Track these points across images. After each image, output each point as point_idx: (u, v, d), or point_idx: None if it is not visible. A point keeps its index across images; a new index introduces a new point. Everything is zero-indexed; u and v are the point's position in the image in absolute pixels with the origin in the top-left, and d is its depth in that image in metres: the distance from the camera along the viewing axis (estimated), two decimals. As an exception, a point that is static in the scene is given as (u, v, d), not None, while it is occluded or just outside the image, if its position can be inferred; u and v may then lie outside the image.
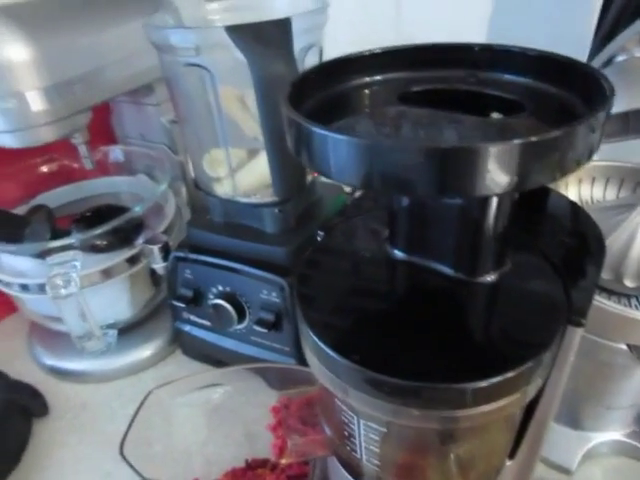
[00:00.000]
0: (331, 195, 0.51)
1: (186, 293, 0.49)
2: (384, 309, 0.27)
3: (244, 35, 0.35)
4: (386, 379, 0.22)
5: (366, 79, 0.26)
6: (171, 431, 0.42)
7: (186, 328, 0.53)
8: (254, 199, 0.47)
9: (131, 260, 0.52)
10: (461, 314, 0.26)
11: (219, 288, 0.48)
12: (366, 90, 0.25)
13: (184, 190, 0.63)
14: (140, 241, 0.52)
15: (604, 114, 0.18)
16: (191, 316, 0.52)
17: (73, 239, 0.47)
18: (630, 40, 0.40)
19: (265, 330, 0.46)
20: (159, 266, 0.51)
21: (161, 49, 0.41)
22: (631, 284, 0.38)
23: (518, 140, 0.16)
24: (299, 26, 0.36)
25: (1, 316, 0.66)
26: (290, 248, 0.45)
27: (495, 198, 0.22)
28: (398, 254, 0.28)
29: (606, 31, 0.43)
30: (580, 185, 0.47)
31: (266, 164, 0.41)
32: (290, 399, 0.34)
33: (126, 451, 0.36)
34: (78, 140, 0.52)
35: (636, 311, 0.35)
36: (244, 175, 0.46)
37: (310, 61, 0.43)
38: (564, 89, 0.22)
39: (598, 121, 0.18)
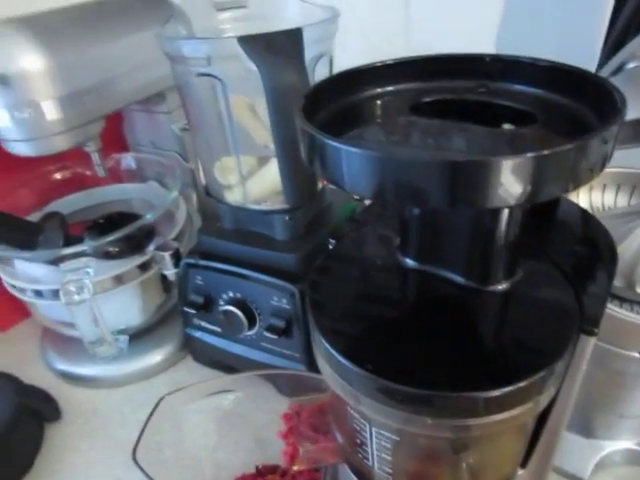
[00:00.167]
0: (341, 202, 0.52)
1: (197, 299, 0.50)
2: (396, 317, 0.27)
3: (256, 45, 0.35)
4: (399, 387, 0.22)
5: (378, 90, 0.26)
6: (182, 437, 0.42)
7: (197, 334, 0.54)
8: (264, 206, 0.47)
9: (142, 266, 0.52)
10: (473, 323, 0.26)
11: (230, 294, 0.48)
12: (378, 101, 0.26)
13: (195, 197, 0.63)
14: (151, 248, 0.52)
15: (617, 127, 0.18)
16: (202, 322, 0.52)
17: (86, 246, 0.48)
18: (640, 47, 0.40)
19: (275, 336, 0.46)
20: (170, 272, 0.52)
21: (173, 59, 0.42)
22: (643, 292, 0.37)
23: (531, 154, 0.16)
24: (310, 36, 0.37)
25: (14, 321, 0.66)
26: (300, 255, 0.45)
27: (507, 208, 0.23)
28: (409, 262, 0.28)
29: (616, 38, 0.43)
30: (591, 192, 0.46)
31: (276, 171, 0.42)
32: (301, 406, 0.34)
33: (138, 456, 0.37)
34: (91, 148, 0.53)
35: (649, 319, 0.35)
36: (255, 182, 0.47)
37: (320, 70, 0.43)
38: (575, 100, 0.22)
39: (611, 133, 0.18)
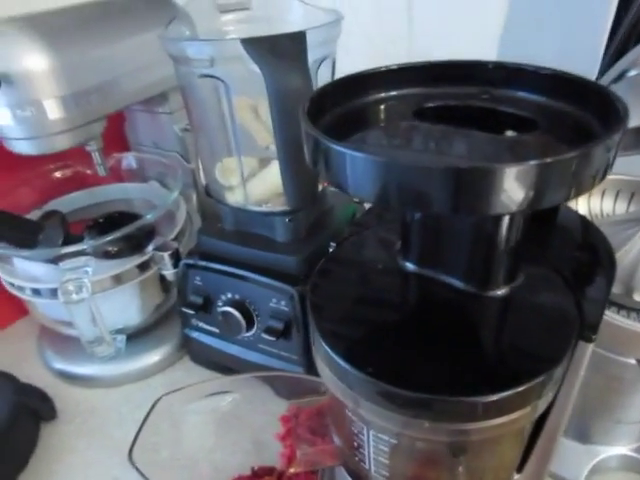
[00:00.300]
0: (342, 205, 0.52)
1: (196, 300, 0.50)
2: (396, 321, 0.27)
3: (259, 48, 0.35)
4: (399, 391, 0.22)
5: (382, 94, 0.26)
6: (179, 437, 0.42)
7: (195, 335, 0.54)
8: (265, 208, 0.47)
9: (142, 266, 0.52)
10: (472, 327, 0.26)
11: (228, 296, 0.48)
12: (382, 105, 0.26)
13: (195, 197, 0.63)
14: (151, 248, 0.52)
15: (619, 135, 0.18)
16: (200, 323, 0.52)
17: (85, 245, 0.48)
18: (641, 56, 0.40)
19: (273, 338, 0.46)
20: (169, 273, 0.52)
21: (177, 60, 0.42)
22: (641, 299, 0.37)
23: (534, 161, 0.16)
24: (313, 39, 0.37)
25: (12, 319, 0.66)
26: (300, 257, 0.45)
27: (509, 215, 0.23)
28: (410, 266, 0.28)
29: (617, 46, 0.43)
30: (590, 198, 0.47)
31: (278, 173, 0.42)
32: (300, 408, 0.34)
33: (134, 457, 0.37)
34: (92, 147, 0.53)
35: (646, 326, 0.35)
36: (256, 184, 0.47)
37: (323, 73, 0.43)
38: (577, 108, 0.23)
39: (613, 142, 0.18)
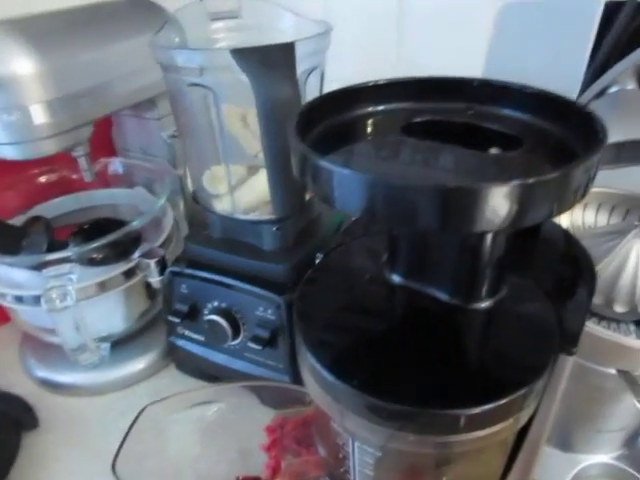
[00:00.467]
0: (329, 213, 0.52)
1: (181, 308, 0.49)
2: (381, 333, 0.27)
3: (248, 58, 0.35)
4: (383, 404, 0.22)
5: (370, 109, 0.26)
6: (163, 447, 0.42)
7: (180, 343, 0.53)
8: (253, 216, 0.47)
9: (127, 273, 0.52)
10: (456, 340, 0.26)
11: (215, 304, 0.48)
12: (370, 119, 0.26)
13: (182, 204, 0.63)
14: (137, 255, 0.52)
15: (598, 156, 0.19)
16: (186, 331, 0.52)
17: (70, 252, 0.48)
18: (622, 73, 0.41)
19: (260, 347, 0.46)
20: (155, 280, 0.51)
21: (166, 68, 0.42)
22: (621, 309, 0.38)
23: (517, 181, 0.17)
24: (303, 50, 0.37)
25: (-7, 325, 0.65)
26: (288, 266, 0.45)
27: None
28: (396, 278, 0.28)
29: (599, 63, 0.44)
30: (572, 211, 0.48)
31: (266, 182, 0.42)
32: (285, 419, 0.34)
33: (118, 466, 0.36)
34: (79, 153, 0.52)
35: (625, 337, 0.35)
36: (244, 192, 0.47)
37: (312, 83, 0.43)
38: (560, 126, 0.23)
39: (592, 163, 0.18)
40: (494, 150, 0.22)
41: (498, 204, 0.17)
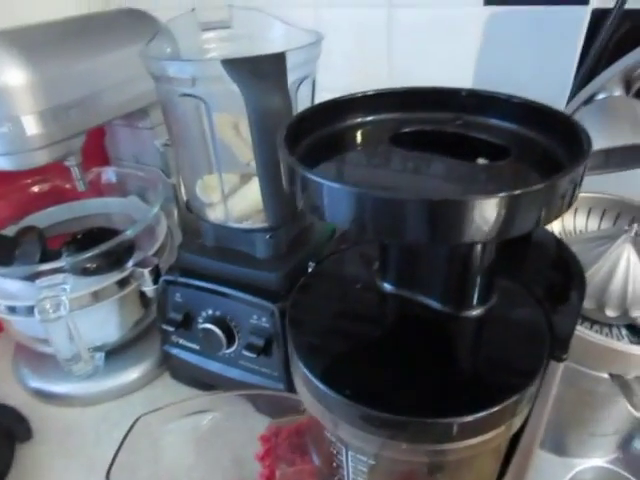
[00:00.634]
0: (322, 222, 0.52)
1: (176, 317, 0.49)
2: (373, 342, 0.27)
3: (239, 68, 0.36)
4: (376, 413, 0.22)
5: (359, 119, 0.27)
6: (157, 457, 0.42)
7: (175, 351, 0.53)
8: (246, 225, 0.47)
9: (121, 283, 0.52)
10: (448, 348, 0.27)
11: (209, 312, 0.48)
12: (359, 130, 0.26)
13: (176, 212, 0.63)
14: (131, 264, 0.52)
15: (583, 168, 0.19)
16: (180, 340, 0.52)
17: (63, 262, 0.47)
18: (609, 80, 0.42)
19: (254, 355, 0.46)
20: (149, 289, 0.51)
21: (158, 79, 0.42)
22: (612, 314, 0.39)
23: (504, 193, 0.17)
24: (294, 60, 0.37)
25: (-14, 336, 0.65)
26: (281, 274, 0.45)
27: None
28: (387, 287, 0.29)
29: (586, 70, 0.45)
30: (563, 216, 0.48)
31: (258, 190, 0.42)
32: (279, 427, 0.34)
33: (112, 477, 0.36)
34: (71, 162, 0.52)
35: (617, 341, 0.36)
36: (237, 201, 0.47)
37: (303, 92, 0.44)
38: (547, 136, 0.23)
39: (577, 174, 0.19)
40: (482, 160, 0.23)
41: (485, 216, 0.17)
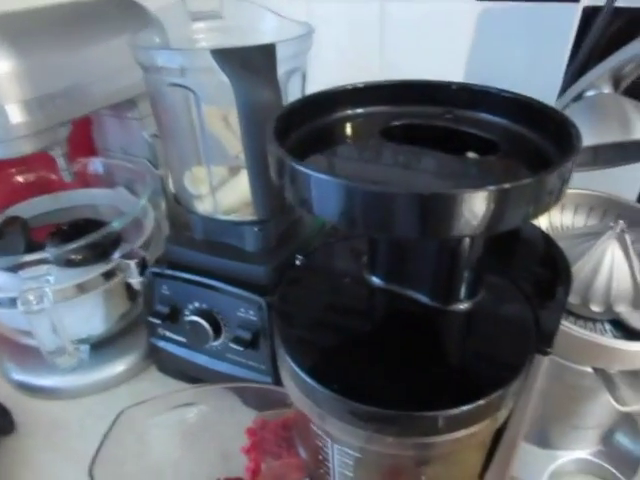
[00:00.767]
0: (312, 215, 0.52)
1: (162, 309, 0.49)
2: (361, 335, 0.27)
3: (229, 59, 0.35)
4: (363, 407, 0.22)
5: (349, 112, 0.26)
6: (144, 450, 0.41)
7: (161, 344, 0.53)
8: (234, 217, 0.47)
9: (107, 275, 0.51)
10: (435, 342, 0.27)
11: (196, 305, 0.48)
12: (348, 123, 0.26)
13: (164, 204, 0.62)
14: (117, 255, 0.51)
15: (572, 163, 0.19)
16: (167, 332, 0.52)
17: (47, 253, 0.47)
18: (599, 77, 0.42)
19: (241, 348, 0.45)
20: (135, 281, 0.51)
21: (146, 69, 0.41)
22: (597, 309, 0.39)
23: (493, 187, 0.17)
24: (284, 51, 0.37)
25: (-32, 328, 0.64)
26: (270, 267, 0.45)
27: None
28: (376, 281, 0.28)
29: (577, 67, 0.45)
30: (550, 212, 0.48)
31: (247, 183, 0.42)
32: (266, 421, 0.34)
33: (96, 471, 0.36)
34: (57, 152, 0.51)
35: (601, 335, 0.36)
36: (225, 193, 0.47)
37: (293, 85, 0.43)
38: (536, 131, 0.24)
39: (567, 169, 0.19)
40: (471, 154, 0.22)
41: (474, 210, 0.17)
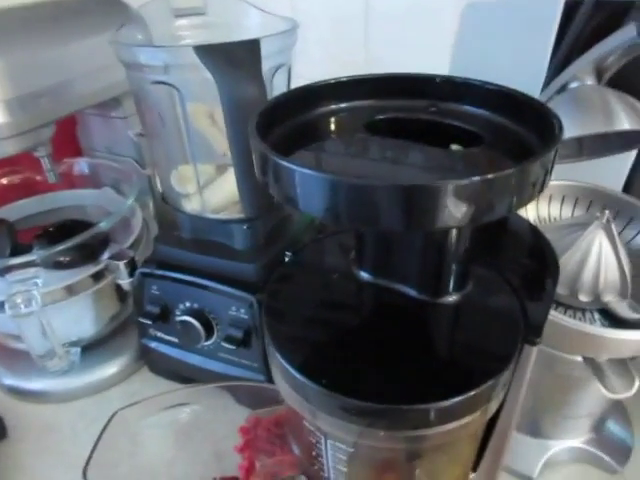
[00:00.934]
0: (301, 212, 0.52)
1: (153, 310, 0.49)
2: (350, 330, 0.27)
3: (212, 55, 0.35)
4: (353, 402, 0.22)
5: (332, 107, 0.26)
6: (137, 452, 0.41)
7: (153, 345, 0.52)
8: (223, 215, 0.47)
9: (95, 276, 0.51)
10: (424, 335, 0.27)
11: (187, 304, 0.47)
12: (332, 117, 0.26)
13: (151, 204, 0.62)
14: (105, 256, 0.51)
15: (554, 152, 0.19)
16: (158, 333, 0.51)
17: (34, 256, 0.46)
18: (582, 69, 0.42)
19: (233, 347, 0.45)
20: (125, 282, 0.50)
21: (129, 66, 0.41)
22: (585, 299, 0.39)
23: (475, 177, 0.17)
24: (269, 47, 0.37)
25: (-44, 333, 0.63)
26: (259, 264, 0.45)
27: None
28: (364, 275, 0.28)
29: (560, 60, 0.45)
30: (538, 203, 0.49)
31: (234, 181, 0.42)
32: (259, 419, 0.34)
33: (90, 473, 0.36)
34: (41, 153, 0.51)
35: (590, 325, 0.37)
36: (213, 191, 0.46)
37: (279, 80, 0.43)
38: (519, 123, 0.24)
39: (548, 159, 0.19)
40: (454, 146, 0.22)
41: (456, 201, 0.17)
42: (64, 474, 0.47)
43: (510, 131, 0.24)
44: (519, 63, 0.48)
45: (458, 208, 0.18)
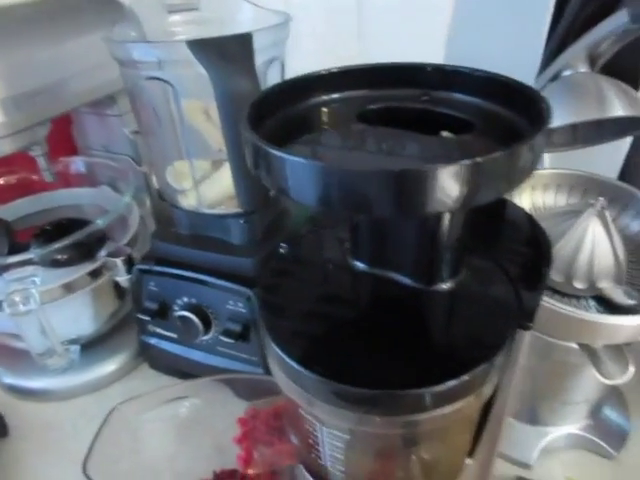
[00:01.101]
0: (297, 206, 0.52)
1: (151, 306, 0.49)
2: (346, 319, 0.27)
3: (205, 50, 0.35)
4: (347, 388, 0.23)
5: (324, 97, 0.26)
6: (138, 447, 0.41)
7: (152, 341, 0.53)
8: (219, 210, 0.47)
9: (93, 274, 0.51)
10: (419, 322, 0.27)
11: (185, 300, 0.48)
12: (325, 108, 0.26)
13: (148, 201, 0.62)
14: (103, 254, 0.51)
15: (543, 135, 0.19)
16: (157, 329, 0.52)
17: (32, 254, 0.46)
18: (575, 57, 0.43)
19: (232, 341, 0.46)
20: (123, 279, 0.51)
21: (123, 63, 0.41)
22: (580, 286, 0.40)
23: (465, 161, 0.17)
24: (262, 41, 0.37)
25: (-44, 334, 0.63)
26: (256, 259, 0.45)
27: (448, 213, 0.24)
28: (359, 265, 0.29)
29: (554, 47, 0.45)
30: (533, 192, 0.49)
31: (230, 176, 0.42)
32: (257, 410, 0.34)
33: (91, 469, 0.36)
34: (37, 152, 0.51)
35: (585, 311, 0.37)
36: (209, 187, 0.47)
37: (272, 74, 0.43)
38: (509, 109, 0.24)
39: (537, 142, 0.19)
40: (445, 133, 0.23)
41: (446, 185, 0.17)
42: (65, 471, 0.47)
43: (501, 117, 0.24)
44: (513, 51, 0.48)
45: (448, 193, 0.18)
